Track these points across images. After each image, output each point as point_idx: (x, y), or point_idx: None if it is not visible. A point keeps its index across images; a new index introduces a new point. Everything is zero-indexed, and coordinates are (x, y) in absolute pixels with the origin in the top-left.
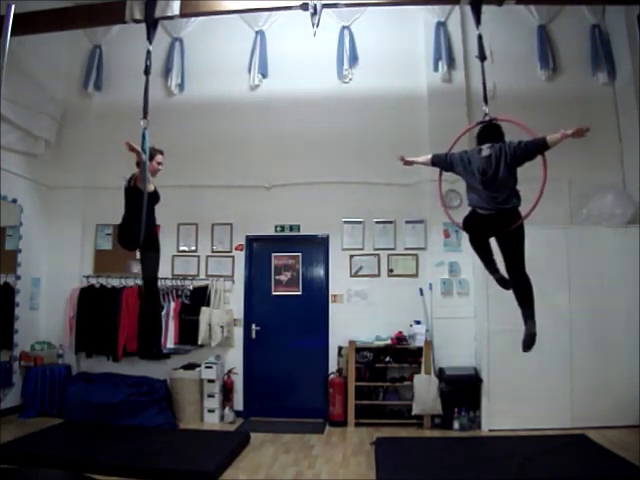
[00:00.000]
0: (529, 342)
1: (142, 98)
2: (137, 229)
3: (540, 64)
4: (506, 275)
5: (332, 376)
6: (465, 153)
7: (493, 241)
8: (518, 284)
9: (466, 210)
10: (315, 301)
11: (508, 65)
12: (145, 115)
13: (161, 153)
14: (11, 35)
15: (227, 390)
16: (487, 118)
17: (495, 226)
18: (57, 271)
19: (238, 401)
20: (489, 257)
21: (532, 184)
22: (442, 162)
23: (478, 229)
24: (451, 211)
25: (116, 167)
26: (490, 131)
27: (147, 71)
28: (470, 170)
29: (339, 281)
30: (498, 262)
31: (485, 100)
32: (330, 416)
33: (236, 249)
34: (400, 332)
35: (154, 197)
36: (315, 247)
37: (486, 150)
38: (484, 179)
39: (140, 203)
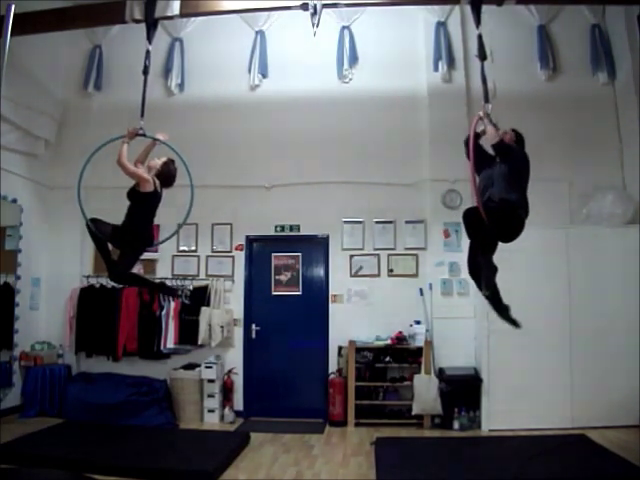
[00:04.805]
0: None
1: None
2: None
3: (540, 64)
4: None
5: (332, 376)
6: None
7: None
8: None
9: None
10: (315, 301)
11: (508, 65)
12: (142, 115)
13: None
14: (11, 35)
15: (227, 390)
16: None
17: None
18: (57, 271)
19: (238, 401)
20: None
21: None
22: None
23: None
24: (451, 211)
25: (116, 167)
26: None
27: (146, 71)
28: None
29: (339, 281)
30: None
31: (486, 99)
32: (330, 416)
33: (236, 249)
34: (400, 332)
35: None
36: (315, 247)
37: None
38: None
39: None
